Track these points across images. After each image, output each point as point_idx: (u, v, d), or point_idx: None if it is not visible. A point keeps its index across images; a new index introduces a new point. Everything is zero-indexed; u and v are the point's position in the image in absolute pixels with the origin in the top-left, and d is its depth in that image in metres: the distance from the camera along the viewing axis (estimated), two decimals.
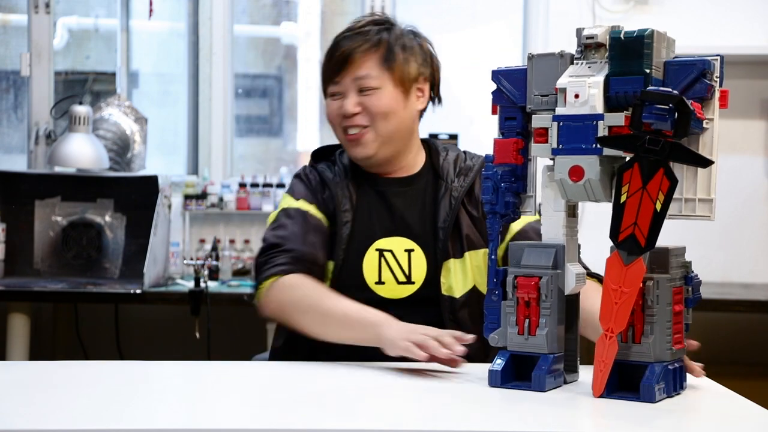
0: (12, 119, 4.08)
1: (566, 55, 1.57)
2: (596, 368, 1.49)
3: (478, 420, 1.40)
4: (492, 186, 1.60)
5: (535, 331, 1.55)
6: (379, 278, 1.98)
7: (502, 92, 1.62)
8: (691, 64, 1.49)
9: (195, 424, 1.36)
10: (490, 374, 1.56)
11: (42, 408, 1.43)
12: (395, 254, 2.00)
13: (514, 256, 1.59)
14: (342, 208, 2.01)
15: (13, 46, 4.13)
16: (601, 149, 1.49)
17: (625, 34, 1.49)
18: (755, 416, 1.44)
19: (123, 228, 3.58)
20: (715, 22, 3.79)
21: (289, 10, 4.43)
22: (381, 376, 1.68)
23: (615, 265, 1.47)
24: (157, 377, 1.70)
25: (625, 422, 1.40)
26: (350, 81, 2.01)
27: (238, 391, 1.59)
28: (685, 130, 1.41)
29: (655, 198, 1.44)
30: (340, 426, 1.36)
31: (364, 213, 2.03)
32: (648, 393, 1.47)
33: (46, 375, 1.68)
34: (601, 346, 1.48)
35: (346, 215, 2.01)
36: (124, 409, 1.45)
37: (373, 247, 2.00)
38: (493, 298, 1.59)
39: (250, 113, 4.53)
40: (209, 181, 3.90)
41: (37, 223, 3.56)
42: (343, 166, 2.08)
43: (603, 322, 1.48)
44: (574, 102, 1.51)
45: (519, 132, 1.61)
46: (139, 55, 4.23)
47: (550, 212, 1.59)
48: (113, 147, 3.64)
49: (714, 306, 3.29)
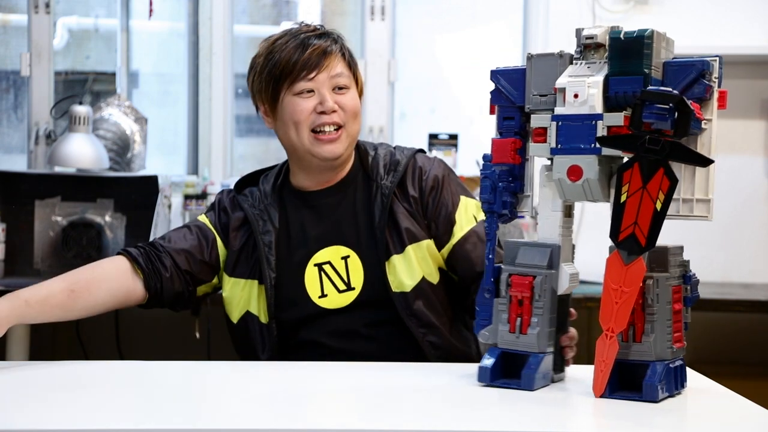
0: (12, 119, 4.07)
1: (565, 55, 1.57)
2: (597, 368, 1.49)
3: (479, 420, 1.40)
4: (490, 185, 1.60)
5: (526, 330, 1.55)
6: (321, 292, 1.99)
7: (500, 92, 1.62)
8: (691, 65, 1.50)
9: (195, 424, 1.36)
10: (480, 370, 1.57)
11: (42, 408, 1.43)
12: (333, 264, 2.00)
13: (510, 254, 1.59)
14: (261, 230, 2.02)
15: (13, 46, 4.12)
16: (599, 149, 1.50)
17: (625, 34, 1.49)
18: (755, 416, 1.44)
19: (123, 228, 3.58)
20: (715, 22, 3.79)
21: (289, 10, 4.43)
22: (373, 376, 1.69)
23: (615, 265, 1.48)
24: (157, 377, 1.70)
25: (626, 422, 1.40)
26: (326, 78, 1.99)
27: (238, 391, 1.59)
28: (685, 130, 1.42)
29: (656, 197, 1.44)
30: (336, 426, 1.37)
31: (297, 231, 2.04)
32: (651, 392, 1.48)
33: (46, 375, 1.68)
34: (602, 346, 1.48)
35: (267, 237, 2.01)
36: (124, 409, 1.45)
37: (311, 263, 2.00)
38: (486, 296, 1.59)
39: (250, 113, 4.50)
40: (209, 181, 3.90)
41: (37, 223, 3.55)
42: (263, 190, 2.08)
43: (603, 321, 1.48)
44: (574, 102, 1.51)
45: (517, 132, 1.61)
46: (139, 55, 4.23)
47: (547, 212, 1.59)
48: (113, 147, 3.64)
49: (714, 306, 3.29)
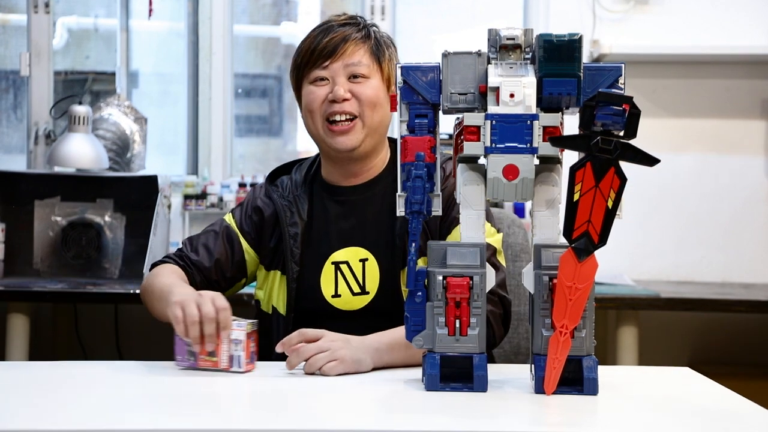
0: (11, 119, 4.07)
1: (483, 54, 1.58)
2: (549, 365, 1.50)
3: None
4: (422, 186, 1.58)
5: (466, 332, 1.54)
6: (335, 291, 1.97)
7: (411, 89, 1.61)
8: (608, 69, 1.57)
9: (195, 424, 1.36)
10: (429, 378, 1.54)
11: (42, 408, 1.43)
12: (351, 265, 1.97)
13: (436, 256, 1.57)
14: (288, 221, 2.00)
15: (13, 46, 4.12)
16: (536, 149, 1.53)
17: (557, 37, 1.52)
18: (755, 416, 1.44)
19: (122, 228, 3.57)
20: (715, 22, 3.79)
21: (289, 10, 4.42)
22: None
23: (569, 262, 1.50)
24: (157, 377, 1.70)
25: (626, 422, 1.40)
26: (341, 67, 1.97)
27: (238, 392, 1.59)
28: (635, 131, 1.46)
29: (607, 196, 1.48)
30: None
31: (321, 225, 2.01)
32: (592, 386, 1.52)
33: (46, 375, 1.68)
34: (555, 343, 1.50)
35: (293, 228, 1.99)
36: (124, 409, 1.44)
37: (329, 261, 1.98)
38: (417, 300, 1.56)
39: (250, 113, 4.52)
40: (209, 181, 3.89)
41: (37, 223, 3.55)
42: (294, 180, 2.06)
43: (557, 319, 1.50)
44: (509, 101, 1.52)
45: (430, 130, 1.61)
46: (139, 55, 4.23)
47: (470, 211, 1.58)
48: (113, 147, 3.64)
49: (714, 306, 3.29)
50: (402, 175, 1.60)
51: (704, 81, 3.82)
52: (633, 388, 1.64)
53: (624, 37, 3.75)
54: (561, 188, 1.57)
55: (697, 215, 3.83)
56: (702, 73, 3.81)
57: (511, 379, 1.64)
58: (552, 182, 1.58)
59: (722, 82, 3.81)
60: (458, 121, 1.62)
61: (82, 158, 3.45)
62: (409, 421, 1.40)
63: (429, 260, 1.58)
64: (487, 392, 1.53)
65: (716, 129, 3.83)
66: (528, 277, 1.57)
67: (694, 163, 3.83)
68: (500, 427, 1.36)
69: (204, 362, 1.71)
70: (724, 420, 1.45)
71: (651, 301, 3.18)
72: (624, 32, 3.78)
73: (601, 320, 3.45)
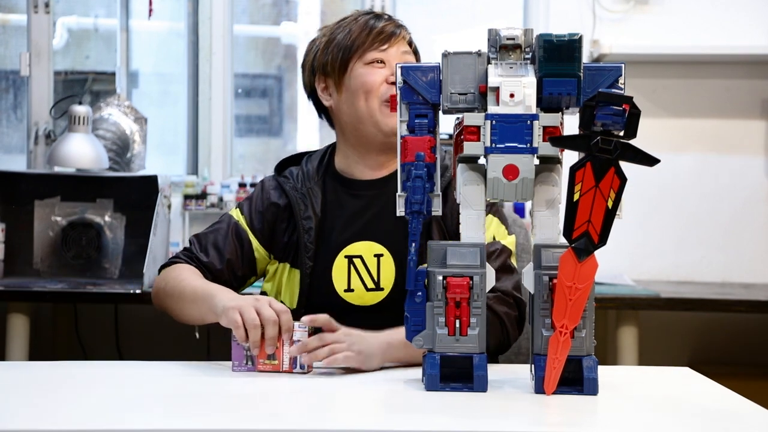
0: (11, 119, 4.07)
1: (483, 54, 1.58)
2: (549, 365, 1.50)
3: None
4: (422, 186, 1.58)
5: (466, 332, 1.54)
6: (348, 286, 1.95)
7: (411, 89, 1.61)
8: (608, 69, 1.57)
9: (195, 424, 1.36)
10: (429, 378, 1.54)
11: (42, 408, 1.43)
12: (364, 260, 1.95)
13: (436, 256, 1.57)
14: (303, 214, 1.98)
15: (13, 46, 4.12)
16: (536, 149, 1.53)
17: (557, 37, 1.52)
18: (755, 416, 1.44)
19: (122, 228, 3.57)
20: (715, 22, 3.79)
21: (289, 10, 4.42)
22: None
23: (569, 262, 1.50)
24: (157, 377, 1.70)
25: (626, 422, 1.40)
26: (397, 52, 1.99)
27: (238, 392, 1.59)
28: (635, 131, 1.46)
29: (607, 196, 1.48)
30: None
31: (334, 218, 1.99)
32: (592, 386, 1.52)
33: (46, 375, 1.68)
34: (555, 343, 1.50)
35: (308, 222, 1.97)
36: (124, 409, 1.44)
37: (342, 254, 1.96)
38: (417, 300, 1.56)
39: (250, 113, 4.52)
40: (209, 181, 3.89)
41: (37, 223, 3.55)
42: (306, 171, 2.03)
43: (557, 319, 1.50)
44: (509, 101, 1.53)
45: (430, 130, 1.61)
46: (139, 55, 4.23)
47: (470, 211, 1.59)
48: (113, 147, 3.64)
49: (714, 306, 3.29)
50: (402, 175, 1.60)
51: (704, 81, 3.82)
52: (633, 388, 1.64)
53: (624, 37, 3.75)
54: (561, 188, 1.57)
55: (697, 215, 3.82)
56: (702, 73, 3.81)
57: (511, 379, 1.64)
58: (552, 182, 1.58)
59: (722, 82, 3.81)
60: (458, 121, 1.62)
61: (82, 158, 3.45)
62: (409, 421, 1.40)
63: (429, 260, 1.58)
64: (487, 392, 1.53)
65: (716, 129, 3.83)
66: (528, 277, 1.57)
67: (694, 163, 3.83)
68: (500, 427, 1.36)
69: (263, 366, 1.71)
70: (724, 420, 1.45)
71: (651, 301, 3.18)
72: (624, 32, 3.78)
73: (601, 320, 3.45)
